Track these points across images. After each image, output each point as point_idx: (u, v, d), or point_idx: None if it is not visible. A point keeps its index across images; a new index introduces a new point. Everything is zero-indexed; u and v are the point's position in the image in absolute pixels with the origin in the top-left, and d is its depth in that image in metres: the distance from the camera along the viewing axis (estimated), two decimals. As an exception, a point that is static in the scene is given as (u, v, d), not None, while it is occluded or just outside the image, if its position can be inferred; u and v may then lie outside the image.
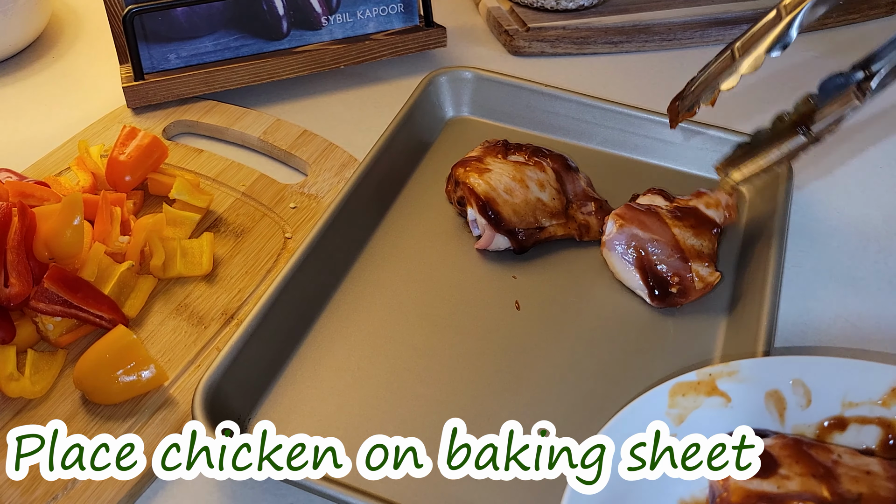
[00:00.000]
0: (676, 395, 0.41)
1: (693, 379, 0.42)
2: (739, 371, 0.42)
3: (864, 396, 0.42)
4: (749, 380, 0.42)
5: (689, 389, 0.42)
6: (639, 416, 0.41)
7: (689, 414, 0.42)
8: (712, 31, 0.84)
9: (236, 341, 0.47)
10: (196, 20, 0.69)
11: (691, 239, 0.54)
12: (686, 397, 0.41)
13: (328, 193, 0.62)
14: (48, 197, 0.54)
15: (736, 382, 0.42)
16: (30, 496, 0.43)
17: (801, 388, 0.42)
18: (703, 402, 0.42)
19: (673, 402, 0.41)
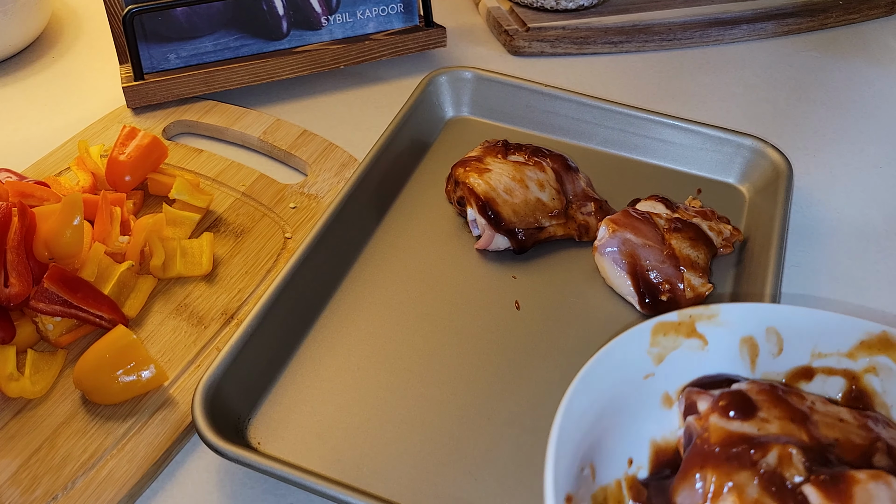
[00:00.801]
0: (658, 334, 0.42)
1: (674, 319, 0.43)
2: (718, 315, 0.43)
3: (833, 348, 0.43)
4: (726, 324, 0.43)
5: (670, 329, 0.42)
6: (621, 352, 0.41)
7: (669, 354, 0.42)
8: (712, 31, 0.84)
9: (236, 341, 0.47)
10: (196, 20, 0.69)
11: (687, 249, 0.54)
12: (667, 337, 0.42)
13: (328, 193, 0.62)
14: (48, 197, 0.54)
15: (714, 326, 0.43)
16: (30, 496, 0.43)
17: (775, 336, 0.43)
18: (682, 342, 0.43)
19: (654, 340, 0.42)
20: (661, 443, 0.42)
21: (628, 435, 0.41)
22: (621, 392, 0.41)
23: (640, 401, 0.42)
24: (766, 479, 0.36)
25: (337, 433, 0.46)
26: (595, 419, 0.40)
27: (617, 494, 0.40)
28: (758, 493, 0.36)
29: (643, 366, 0.42)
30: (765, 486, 0.36)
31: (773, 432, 0.38)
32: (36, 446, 0.45)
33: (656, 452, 0.42)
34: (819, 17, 0.87)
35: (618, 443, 0.41)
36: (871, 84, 0.80)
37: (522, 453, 0.46)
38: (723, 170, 0.65)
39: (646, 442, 0.42)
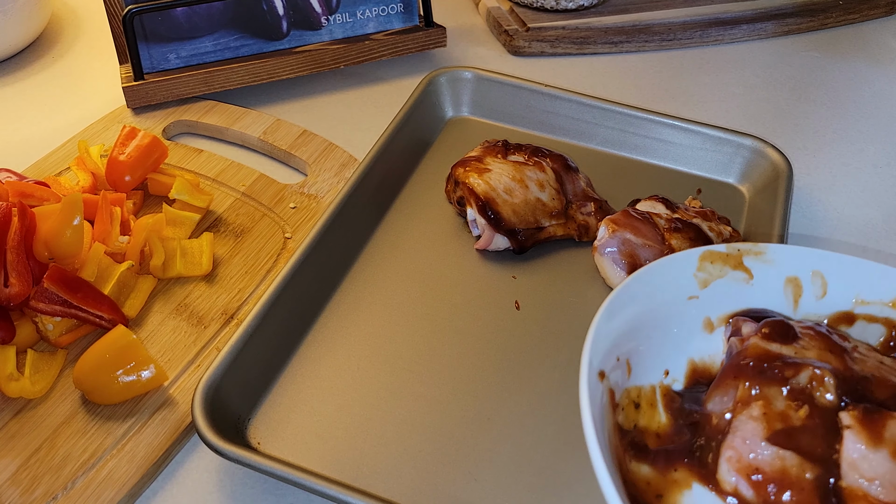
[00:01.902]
0: (705, 261, 0.44)
1: (723, 250, 0.44)
2: (766, 252, 0.45)
3: (876, 297, 0.44)
4: (773, 262, 0.44)
5: (717, 258, 0.44)
6: (668, 271, 0.43)
7: (714, 281, 0.44)
8: (712, 31, 0.84)
9: (236, 341, 0.47)
10: (196, 20, 0.69)
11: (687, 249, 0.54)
12: (714, 265, 0.44)
13: (328, 193, 0.62)
14: (48, 197, 0.54)
15: (761, 262, 0.44)
16: (30, 496, 0.43)
17: (820, 280, 0.45)
18: (728, 272, 0.44)
19: (701, 265, 0.44)
20: (698, 363, 0.43)
21: (667, 348, 0.43)
22: (665, 307, 0.43)
23: (682, 320, 0.44)
24: (794, 394, 0.37)
25: (337, 433, 0.46)
26: (636, 323, 0.41)
27: (650, 397, 0.42)
28: (784, 406, 0.37)
29: (688, 287, 0.44)
30: (792, 401, 0.37)
31: (808, 356, 0.39)
32: (36, 446, 0.45)
33: (693, 370, 0.43)
34: (819, 17, 0.87)
35: (657, 353, 0.42)
36: (871, 84, 0.80)
37: (522, 453, 0.46)
38: (723, 170, 0.65)
39: (684, 359, 0.43)
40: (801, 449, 0.36)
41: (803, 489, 0.35)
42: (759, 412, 0.37)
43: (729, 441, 0.38)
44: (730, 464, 0.37)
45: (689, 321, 0.44)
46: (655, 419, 0.41)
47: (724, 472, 0.37)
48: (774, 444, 0.36)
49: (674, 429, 0.40)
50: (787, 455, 0.36)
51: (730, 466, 0.37)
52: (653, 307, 0.42)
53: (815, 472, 0.35)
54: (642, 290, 0.42)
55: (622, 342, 0.40)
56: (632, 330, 0.41)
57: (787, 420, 0.37)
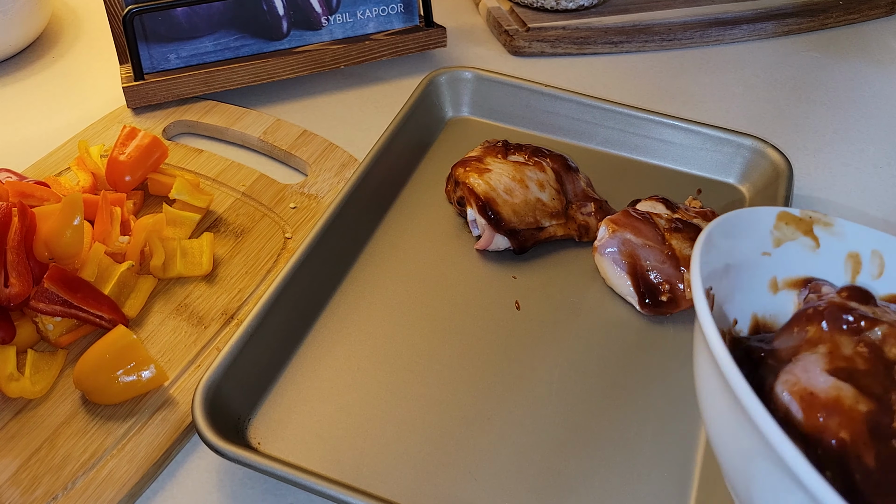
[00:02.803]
0: (782, 221, 0.45)
1: (797, 214, 0.45)
2: (834, 225, 0.46)
3: None
4: (839, 235, 0.46)
5: (791, 220, 0.45)
6: (748, 222, 0.44)
7: (786, 242, 0.45)
8: (712, 31, 0.84)
9: (236, 341, 0.47)
10: (196, 20, 0.69)
11: (687, 249, 0.54)
12: (788, 226, 0.45)
13: (328, 193, 0.62)
14: (48, 197, 0.54)
15: (828, 234, 0.46)
16: (30, 496, 0.43)
17: (879, 259, 0.46)
18: (798, 237, 0.45)
19: (777, 224, 0.45)
20: (761, 319, 0.44)
21: (737, 299, 0.44)
22: (743, 255, 0.44)
23: (754, 274, 0.44)
24: (864, 344, 0.38)
25: (337, 433, 0.46)
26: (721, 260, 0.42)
27: None
28: (851, 352, 0.38)
29: (764, 243, 0.45)
30: (860, 351, 0.38)
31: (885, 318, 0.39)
32: (36, 446, 0.45)
33: (756, 325, 0.44)
34: (819, 17, 0.87)
35: (730, 300, 0.43)
36: (871, 84, 0.80)
37: (522, 453, 0.46)
38: (723, 170, 0.65)
39: (749, 312, 0.44)
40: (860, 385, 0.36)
41: (854, 420, 0.35)
42: (826, 350, 0.38)
43: (789, 367, 0.38)
44: (786, 386, 0.37)
45: (759, 277, 0.45)
46: None
47: (779, 391, 0.37)
48: (834, 375, 0.37)
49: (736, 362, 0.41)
50: (843, 386, 0.36)
51: (785, 388, 0.37)
52: (733, 253, 0.43)
53: (869, 406, 0.36)
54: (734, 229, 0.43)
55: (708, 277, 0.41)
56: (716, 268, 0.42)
57: (853, 362, 0.37)
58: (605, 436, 0.47)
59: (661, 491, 0.45)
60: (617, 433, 0.47)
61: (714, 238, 0.41)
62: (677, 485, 0.45)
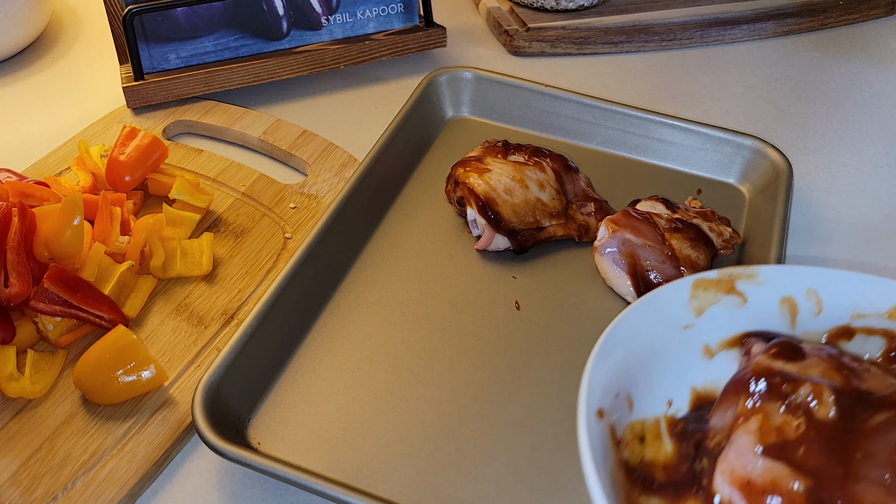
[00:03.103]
0: (698, 289, 0.44)
1: (714, 276, 0.44)
2: (758, 275, 0.44)
3: (873, 308, 0.44)
4: (766, 284, 0.44)
5: (710, 285, 0.44)
6: (662, 302, 0.43)
7: (708, 308, 0.44)
8: (712, 31, 0.84)
9: (236, 341, 0.47)
10: (196, 20, 0.69)
11: (687, 249, 0.54)
12: (707, 291, 0.44)
13: (328, 193, 0.62)
14: (48, 197, 0.54)
15: (753, 285, 0.44)
16: (30, 496, 0.43)
17: (814, 297, 0.44)
18: (721, 298, 0.44)
19: (695, 293, 0.44)
20: (701, 390, 0.43)
21: (668, 379, 0.43)
22: (661, 338, 0.43)
23: (681, 349, 0.43)
24: (792, 408, 0.37)
25: (337, 433, 0.46)
26: (633, 358, 0.41)
27: (655, 429, 0.42)
28: (781, 421, 0.37)
29: (683, 317, 0.44)
30: (789, 420, 0.37)
31: (811, 374, 0.39)
32: (36, 446, 0.45)
33: (696, 398, 0.43)
34: (819, 17, 0.87)
35: (657, 385, 0.42)
36: (871, 84, 0.80)
37: (523, 453, 0.46)
38: (723, 170, 0.65)
39: (686, 387, 0.43)
40: (795, 459, 0.36)
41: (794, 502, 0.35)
42: (756, 426, 0.37)
43: (724, 454, 0.38)
44: (724, 476, 0.37)
45: (687, 350, 0.44)
46: (662, 451, 0.41)
47: (718, 484, 0.37)
48: (767, 455, 0.36)
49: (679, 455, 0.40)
50: (777, 467, 0.36)
51: (724, 479, 0.37)
52: (649, 340, 0.42)
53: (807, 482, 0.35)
54: (636, 325, 0.42)
55: (621, 378, 0.40)
56: (630, 365, 0.41)
57: (784, 434, 0.37)
58: (605, 436, 0.47)
59: (661, 491, 0.45)
60: (617, 433, 0.47)
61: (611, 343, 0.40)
62: (677, 485, 0.45)
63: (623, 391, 0.40)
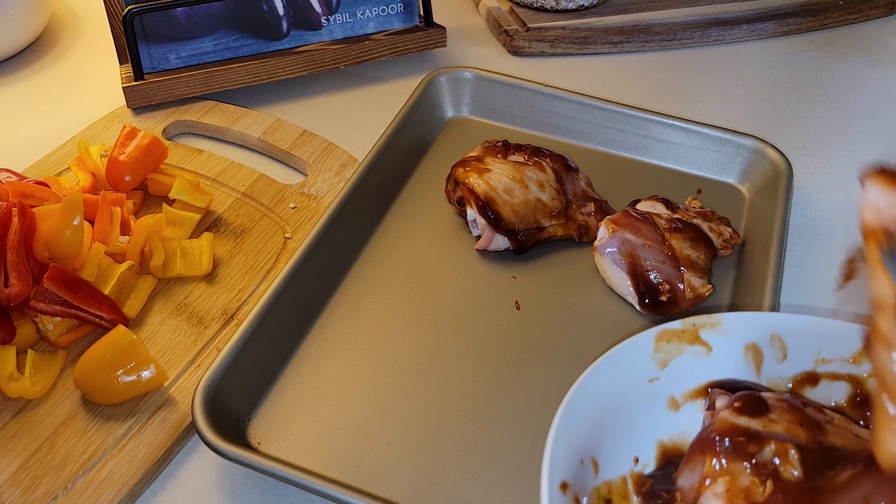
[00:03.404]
0: (661, 341, 0.43)
1: (678, 327, 0.44)
2: (721, 323, 0.44)
3: (837, 354, 0.44)
4: (730, 332, 0.44)
5: (673, 336, 0.43)
6: (625, 358, 0.42)
7: (673, 360, 0.43)
8: (712, 31, 0.84)
9: (236, 341, 0.47)
10: (196, 20, 0.69)
11: (687, 249, 0.54)
12: (670, 343, 0.43)
13: (328, 193, 0.62)
14: (48, 197, 0.54)
15: (717, 333, 0.44)
16: (30, 496, 0.43)
17: (779, 343, 0.44)
18: (685, 349, 0.44)
19: (658, 346, 0.43)
20: (668, 444, 0.43)
21: (634, 435, 0.42)
22: (625, 394, 0.42)
23: (646, 403, 0.43)
24: (757, 469, 0.37)
25: (337, 433, 0.46)
26: (597, 418, 0.40)
27: (622, 489, 0.41)
28: (749, 482, 0.37)
29: (647, 370, 0.43)
30: (756, 476, 0.37)
31: (776, 431, 0.38)
32: (36, 446, 0.45)
33: (663, 452, 0.42)
34: (819, 17, 0.87)
35: (623, 442, 0.42)
36: (871, 84, 0.80)
37: (522, 454, 0.46)
38: (723, 170, 0.65)
39: (652, 442, 0.43)
40: None
41: None
42: (724, 489, 0.37)
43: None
44: None
45: (652, 403, 0.43)
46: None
47: None
48: None
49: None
50: None
51: None
52: (612, 398, 0.41)
53: None
54: (600, 385, 0.41)
55: (585, 442, 0.39)
56: (593, 428, 0.40)
57: (751, 496, 0.36)
58: (605, 436, 0.47)
59: (661, 491, 0.45)
60: (617, 433, 0.47)
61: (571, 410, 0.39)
62: (677, 485, 0.45)
63: (587, 455, 0.39)
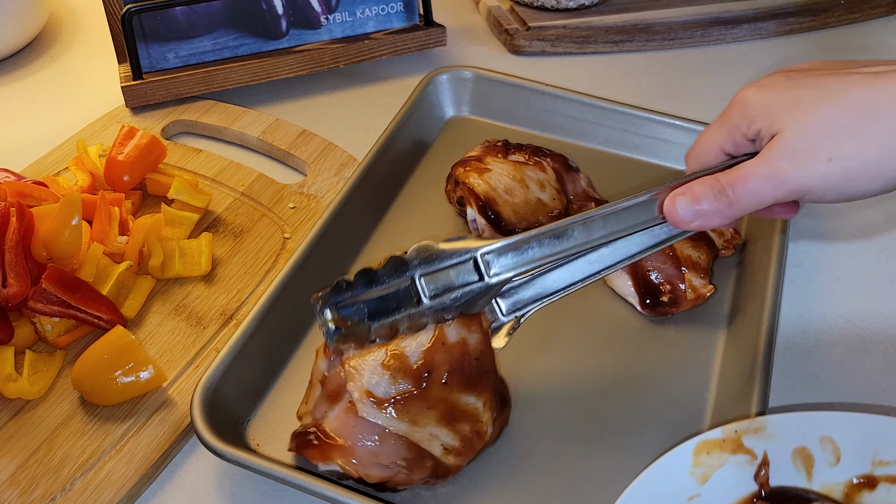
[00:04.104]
0: (701, 454, 0.40)
1: (718, 437, 0.40)
2: (766, 427, 0.41)
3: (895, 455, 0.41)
4: (776, 436, 0.41)
5: (713, 447, 0.40)
6: (663, 476, 0.39)
7: (714, 472, 0.40)
8: (713, 30, 0.83)
9: (235, 342, 0.47)
10: (195, 19, 0.69)
11: (689, 249, 0.54)
12: (710, 455, 0.40)
13: (327, 193, 0.62)
14: (46, 197, 0.54)
15: (762, 439, 0.41)
16: (28, 497, 0.43)
17: (830, 446, 0.41)
18: (728, 459, 0.40)
19: (697, 460, 0.40)
20: None
21: None
22: None
23: None
24: None
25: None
26: None
27: None
28: None
29: (687, 488, 0.40)
30: None
31: None
32: (34, 447, 0.45)
33: None
34: (820, 16, 0.87)
35: None
36: (873, 83, 0.80)
37: (522, 455, 0.46)
38: (724, 170, 0.64)
39: None
40: None
41: None
42: None
43: None
44: None
45: None
46: None
47: None
48: None
49: None
50: None
51: None
52: None
53: None
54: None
55: None
56: None
57: None
58: (605, 436, 0.47)
59: (662, 492, 0.44)
60: (617, 433, 0.47)
61: None
62: (678, 486, 0.45)
63: None
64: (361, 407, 0.41)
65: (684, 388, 0.49)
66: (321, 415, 0.43)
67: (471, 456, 0.43)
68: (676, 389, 0.49)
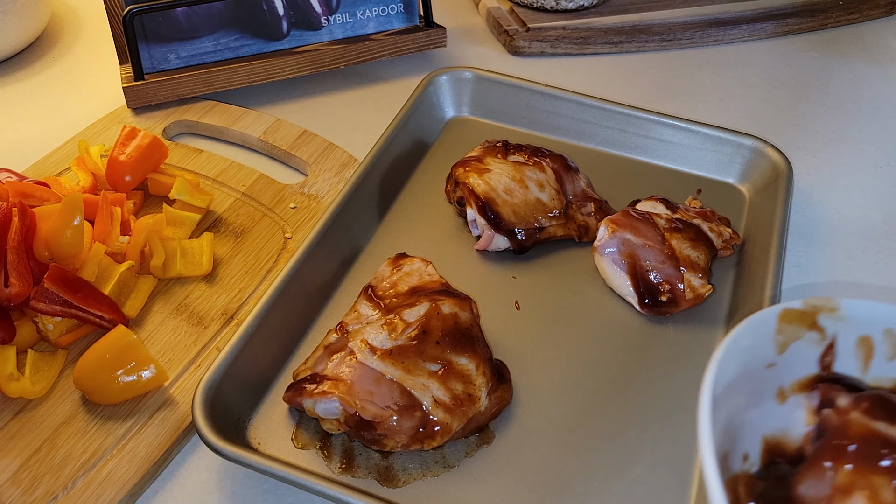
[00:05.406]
0: (784, 322, 0.40)
1: (799, 307, 0.41)
2: (839, 309, 0.41)
3: None
4: (846, 319, 0.41)
5: (794, 318, 0.41)
6: (750, 336, 0.39)
7: (791, 344, 0.41)
8: (712, 31, 0.84)
9: (236, 342, 0.47)
10: (196, 20, 0.69)
11: (687, 249, 0.54)
12: (791, 325, 0.41)
13: (328, 193, 0.62)
14: (48, 197, 0.54)
15: (834, 320, 0.41)
16: (30, 496, 0.43)
17: (891, 339, 0.41)
18: (803, 334, 0.41)
19: (780, 327, 0.40)
20: (771, 440, 0.40)
21: (745, 428, 0.39)
22: (746, 380, 0.39)
23: (759, 392, 0.40)
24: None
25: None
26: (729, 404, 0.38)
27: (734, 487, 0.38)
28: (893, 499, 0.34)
29: (768, 353, 0.40)
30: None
31: None
32: (36, 446, 0.45)
33: (767, 449, 0.40)
34: (819, 17, 0.87)
35: (737, 435, 0.39)
36: (871, 84, 0.80)
37: (522, 454, 0.46)
38: (723, 170, 0.65)
39: (758, 437, 0.40)
40: None
41: None
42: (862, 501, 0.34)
43: None
44: None
45: (764, 393, 0.40)
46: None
47: None
48: None
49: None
50: None
51: None
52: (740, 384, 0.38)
53: None
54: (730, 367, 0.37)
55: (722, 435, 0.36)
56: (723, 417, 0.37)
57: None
58: (605, 436, 0.47)
59: (662, 491, 0.45)
60: (617, 433, 0.47)
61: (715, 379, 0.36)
62: (677, 484, 0.45)
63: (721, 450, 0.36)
64: (360, 354, 0.44)
65: (683, 388, 0.50)
66: (321, 368, 0.45)
67: (460, 418, 0.44)
68: (676, 387, 0.50)
